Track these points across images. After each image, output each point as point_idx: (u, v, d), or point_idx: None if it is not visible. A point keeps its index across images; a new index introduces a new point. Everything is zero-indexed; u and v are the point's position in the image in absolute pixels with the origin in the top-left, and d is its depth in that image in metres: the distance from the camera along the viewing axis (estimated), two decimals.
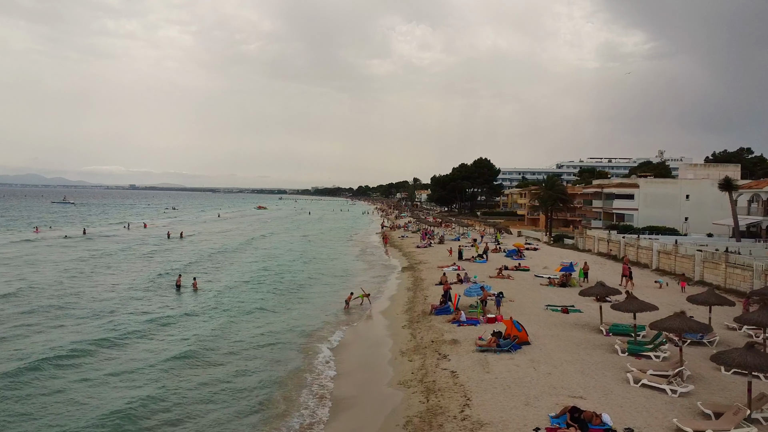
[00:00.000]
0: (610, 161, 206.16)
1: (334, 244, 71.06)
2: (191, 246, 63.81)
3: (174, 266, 45.33)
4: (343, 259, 54.86)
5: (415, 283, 37.46)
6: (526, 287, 34.96)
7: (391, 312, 29.76)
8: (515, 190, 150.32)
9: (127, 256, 51.71)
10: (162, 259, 50.48)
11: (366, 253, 61.29)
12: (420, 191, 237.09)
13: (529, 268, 42.81)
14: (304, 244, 70.46)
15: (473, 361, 19.40)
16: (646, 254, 44.08)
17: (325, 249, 64.97)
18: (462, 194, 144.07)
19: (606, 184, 66.92)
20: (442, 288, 32.41)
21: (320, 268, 48.00)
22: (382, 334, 25.69)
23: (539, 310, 27.96)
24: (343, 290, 35.35)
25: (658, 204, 61.69)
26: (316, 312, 30.52)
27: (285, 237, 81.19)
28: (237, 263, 50.02)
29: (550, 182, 76.97)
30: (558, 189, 75.52)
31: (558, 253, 54.84)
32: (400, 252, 58.66)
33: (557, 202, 75.50)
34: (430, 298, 31.58)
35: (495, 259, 49.15)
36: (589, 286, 34.76)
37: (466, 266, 44.11)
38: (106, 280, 38.94)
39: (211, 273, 43.67)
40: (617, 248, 49.36)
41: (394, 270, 46.45)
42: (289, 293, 35.90)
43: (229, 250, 60.17)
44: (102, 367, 20.59)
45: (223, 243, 68.34)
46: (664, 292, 33.19)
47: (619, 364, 18.87)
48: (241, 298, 33.83)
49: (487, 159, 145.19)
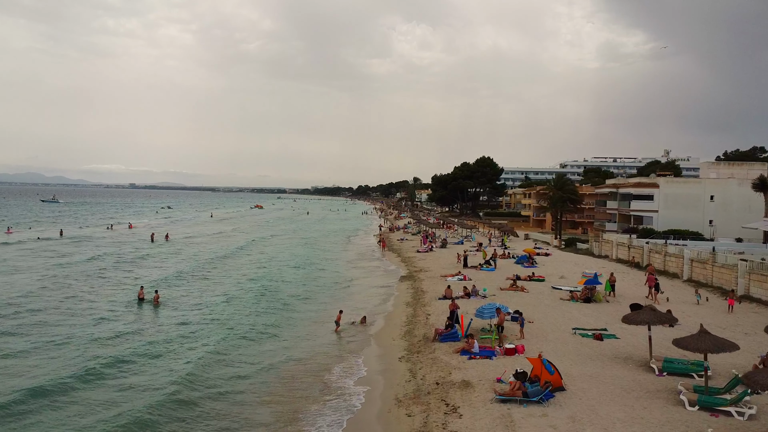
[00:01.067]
0: (616, 161, 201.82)
1: (330, 248, 66.14)
2: (174, 251, 58.75)
3: (145, 278, 39.87)
4: (337, 266, 49.88)
5: (415, 297, 32.54)
6: (544, 303, 30.05)
7: (386, 336, 24.81)
8: (519, 190, 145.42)
9: (96, 265, 45.66)
10: (133, 269, 44.65)
11: (363, 258, 56.40)
12: (420, 191, 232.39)
13: (544, 278, 37.88)
14: (297, 248, 65.43)
15: (493, 420, 14.47)
16: (676, 263, 39.14)
17: (319, 254, 60.07)
18: (464, 194, 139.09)
19: (622, 183, 61.84)
20: (447, 304, 27.60)
21: (311, 278, 42.71)
22: (373, 368, 20.71)
23: (566, 335, 23.05)
24: (332, 307, 30.44)
25: (680, 205, 56.71)
26: (301, 338, 25.39)
27: (278, 240, 76.10)
28: (218, 273, 44.73)
29: (560, 181, 72.02)
30: (568, 189, 70.60)
31: (572, 260, 49.94)
32: (398, 257, 53.72)
33: (567, 203, 70.61)
34: (432, 317, 26.69)
35: (504, 266, 44.24)
36: (615, 300, 30.03)
37: (473, 275, 39.22)
38: (53, 298, 32.12)
39: (186, 285, 38.13)
40: (640, 255, 44.43)
41: (391, 279, 41.47)
42: (272, 312, 30.44)
43: (214, 257, 55.10)
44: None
45: (209, 248, 63.35)
46: (705, 311, 28.28)
47: (692, 425, 13.95)
48: (212, 316, 28.88)
49: (489, 158, 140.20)
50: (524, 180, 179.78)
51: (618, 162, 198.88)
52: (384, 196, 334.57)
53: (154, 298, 31.05)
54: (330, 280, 41.52)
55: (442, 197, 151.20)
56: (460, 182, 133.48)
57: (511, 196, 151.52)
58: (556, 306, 29.34)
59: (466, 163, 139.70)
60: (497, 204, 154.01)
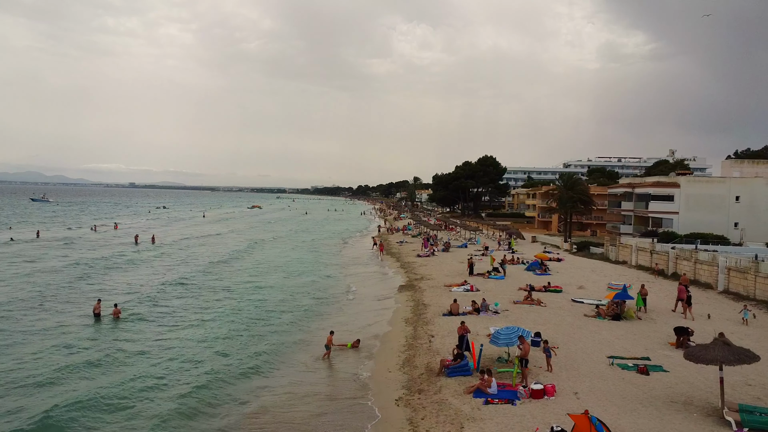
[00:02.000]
0: (620, 160, 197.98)
1: (325, 252, 61.79)
2: (156, 255, 54.38)
3: (112, 290, 35.26)
4: (331, 273, 45.54)
5: (416, 312, 28.22)
6: (566, 320, 25.76)
7: (381, 366, 20.45)
8: (522, 190, 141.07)
9: (64, 273, 40.85)
10: (103, 278, 39.73)
11: (359, 263, 52.11)
12: (420, 191, 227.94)
13: (562, 289, 33.56)
14: (291, 252, 60.99)
15: None
16: (709, 271, 34.83)
17: (313, 258, 55.84)
18: (466, 194, 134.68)
19: (638, 183, 57.30)
20: (453, 322, 23.36)
21: (302, 288, 37.92)
22: (364, 413, 16.41)
23: (602, 367, 18.77)
24: (323, 326, 26.18)
25: (703, 207, 52.28)
26: (282, 371, 21.00)
27: (271, 245, 71.64)
28: (198, 283, 40.12)
29: (570, 181, 67.75)
30: (579, 189, 66.33)
31: (588, 266, 45.64)
32: (398, 263, 49.38)
33: (578, 203, 66.33)
34: (437, 339, 22.39)
35: (513, 274, 39.95)
36: (648, 317, 25.45)
37: (480, 284, 34.93)
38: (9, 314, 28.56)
39: (158, 299, 32.65)
40: (665, 262, 40.11)
41: (389, 288, 37.11)
42: (252, 335, 25.76)
43: (198, 264, 50.79)
44: None
45: (197, 252, 59.01)
46: (756, 332, 24.01)
47: None
48: (178, 341, 24.41)
49: (492, 157, 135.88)
50: (527, 180, 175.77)
51: (623, 162, 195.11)
52: (384, 196, 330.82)
53: (113, 312, 26.68)
54: (322, 291, 37.11)
55: (443, 197, 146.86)
56: (462, 182, 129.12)
57: (514, 196, 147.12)
58: (582, 324, 25.05)
59: (468, 162, 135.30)
60: (500, 204, 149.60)
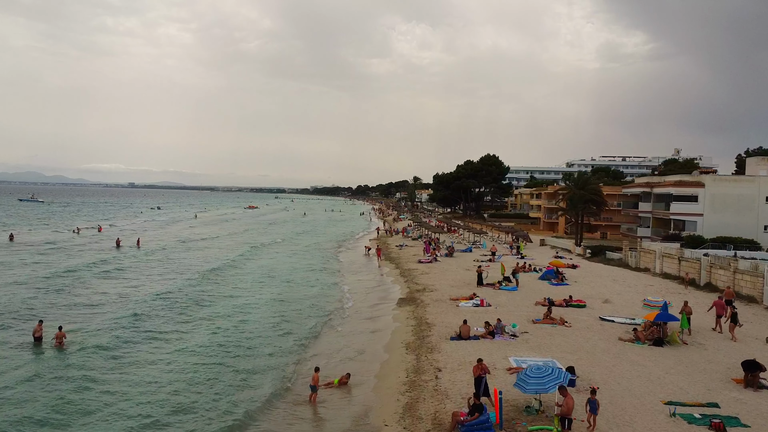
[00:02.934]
0: (624, 159, 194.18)
1: (322, 257, 57.41)
2: (134, 263, 49.94)
3: (74, 308, 30.94)
4: (323, 283, 41.04)
5: (418, 334, 23.89)
6: (599, 346, 21.48)
7: (376, 416, 16.11)
8: (526, 190, 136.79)
9: (29, 285, 36.13)
10: (68, 290, 34.92)
11: (355, 270, 47.83)
12: (420, 191, 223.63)
13: (585, 304, 29.28)
14: (283, 258, 56.50)
15: None
16: (752, 283, 30.56)
17: (307, 264, 51.63)
18: (467, 194, 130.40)
19: (657, 182, 52.87)
20: (462, 349, 19.14)
21: (290, 305, 32.85)
22: None
23: (661, 419, 14.49)
24: (309, 360, 21.86)
25: (730, 208, 48.00)
26: (259, 417, 16.65)
27: (264, 251, 67.15)
28: (172, 302, 35.56)
29: (582, 180, 63.47)
30: (591, 188, 62.00)
31: (607, 274, 41.37)
32: (397, 270, 45.07)
33: (589, 204, 62.03)
34: (445, 376, 18.09)
35: (526, 283, 35.68)
36: (694, 341, 20.59)
37: (491, 297, 30.66)
38: None
39: (119, 321, 26.90)
40: (696, 270, 35.81)
41: (387, 302, 32.75)
42: (227, 369, 20.65)
43: (180, 275, 46.52)
44: None
45: (182, 257, 54.79)
46: None
47: None
48: (130, 378, 20.06)
49: (495, 155, 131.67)
50: (530, 180, 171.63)
51: (627, 161, 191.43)
52: (383, 196, 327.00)
53: (56, 337, 22.34)
54: (313, 307, 32.38)
55: (445, 197, 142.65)
56: (464, 181, 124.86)
57: (517, 196, 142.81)
58: (619, 352, 20.77)
59: (470, 161, 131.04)
60: (502, 205, 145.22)
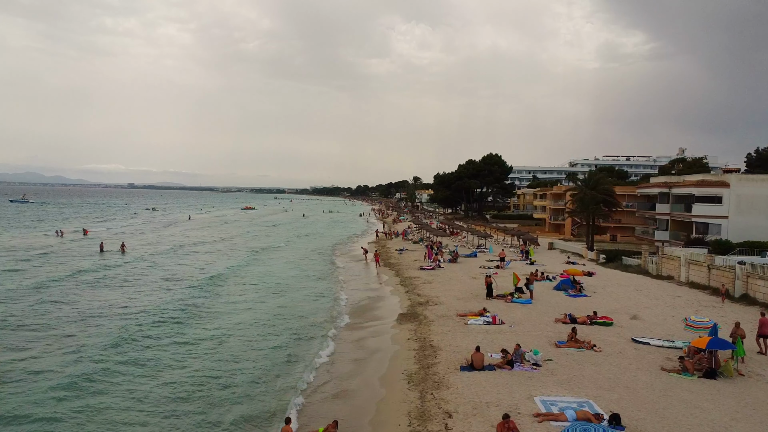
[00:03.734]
0: (629, 159, 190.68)
1: (318, 263, 53.82)
2: (115, 272, 46.40)
3: (27, 330, 27.38)
4: (315, 296, 37.38)
5: (421, 360, 20.24)
6: (641, 379, 17.84)
7: None
8: (529, 190, 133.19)
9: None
10: (30, 308, 31.76)
11: (350, 277, 44.13)
12: (420, 191, 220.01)
13: (612, 321, 25.63)
14: (276, 268, 52.97)
15: None
16: None
17: (300, 272, 48.06)
18: (469, 195, 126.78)
19: (675, 182, 49.11)
20: (476, 383, 15.52)
21: (273, 327, 28.09)
22: None
23: None
24: (288, 395, 18.23)
25: (757, 210, 44.25)
26: None
27: (256, 258, 63.54)
28: (150, 320, 32.18)
29: (594, 179, 59.79)
30: (603, 188, 58.35)
31: (628, 283, 37.69)
32: (397, 278, 41.41)
33: (601, 205, 58.40)
34: (458, 423, 14.43)
35: (541, 294, 32.02)
36: (751, 371, 17.11)
37: (504, 312, 27.05)
38: None
39: (79, 353, 22.54)
40: (729, 280, 32.18)
41: (386, 318, 29.05)
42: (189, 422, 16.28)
43: (162, 286, 42.96)
44: None
45: (167, 265, 51.29)
46: None
47: None
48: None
49: (497, 155, 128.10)
50: (532, 180, 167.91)
51: (631, 161, 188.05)
52: (383, 197, 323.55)
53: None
54: (300, 329, 28.25)
55: (446, 198, 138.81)
56: (466, 181, 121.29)
57: (520, 196, 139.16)
58: (666, 388, 17.12)
59: (471, 161, 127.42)
60: (504, 205, 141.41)
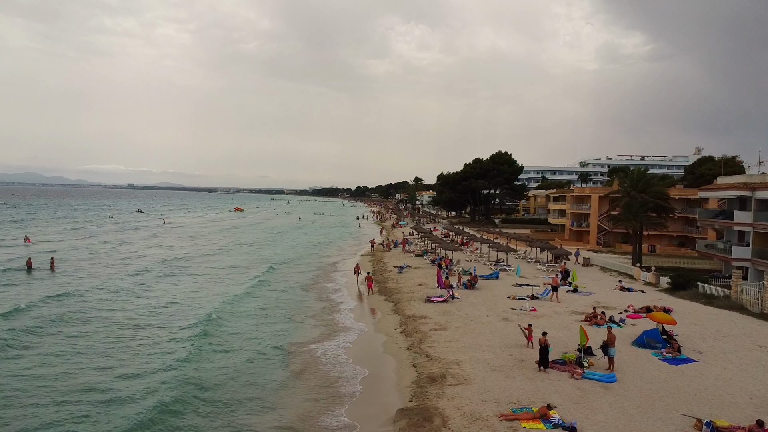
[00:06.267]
0: (643, 159, 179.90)
1: (291, 288, 42.23)
2: (27, 304, 34.71)
3: None
4: (275, 360, 25.83)
5: None
6: None
7: None
8: (541, 192, 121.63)
9: None
10: None
11: (331, 321, 32.51)
12: (421, 192, 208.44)
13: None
14: (242, 303, 41.39)
15: None
16: None
17: (268, 306, 36.47)
18: (476, 196, 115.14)
19: (758, 183, 37.33)
20: None
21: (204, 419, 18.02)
22: None
23: None
24: None
25: None
26: None
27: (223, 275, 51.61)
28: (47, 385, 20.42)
29: (642, 180, 48.14)
30: (655, 191, 46.77)
31: (730, 329, 25.88)
32: (395, 315, 29.50)
33: (650, 211, 46.83)
34: None
35: (621, 362, 20.28)
36: None
37: (577, 403, 15.38)
38: None
39: None
40: None
41: (375, 411, 17.34)
42: None
43: (82, 332, 31.17)
44: None
45: (102, 292, 39.64)
46: None
47: None
48: None
49: (507, 153, 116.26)
50: (541, 180, 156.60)
51: (646, 161, 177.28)
52: (383, 198, 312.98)
53: None
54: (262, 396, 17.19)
55: (450, 200, 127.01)
56: (473, 182, 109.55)
57: (530, 198, 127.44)
58: None
59: (479, 159, 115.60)
60: (512, 208, 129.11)
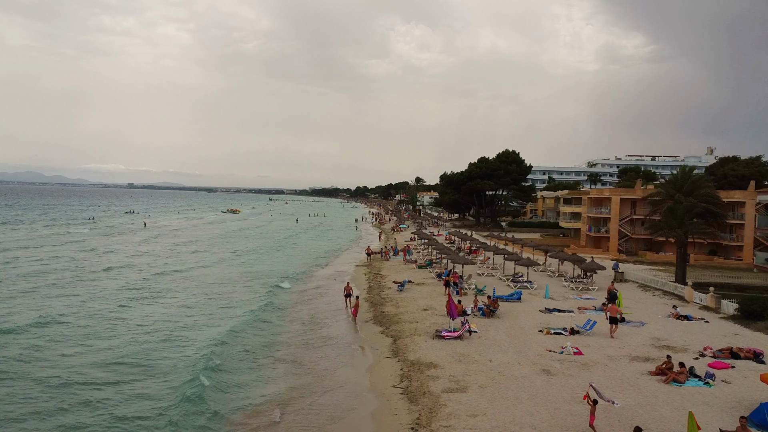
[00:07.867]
0: (654, 159, 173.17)
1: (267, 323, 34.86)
2: None
3: None
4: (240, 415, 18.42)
5: None
6: None
7: None
8: (550, 193, 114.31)
9: None
10: None
11: (318, 361, 25.18)
12: (422, 193, 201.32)
13: None
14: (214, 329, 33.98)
15: None
16: None
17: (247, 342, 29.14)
18: (481, 198, 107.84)
19: None
20: None
21: None
22: None
23: None
24: None
25: None
26: None
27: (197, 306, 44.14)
28: None
29: (689, 182, 40.66)
30: (704, 194, 39.35)
31: None
32: (395, 360, 22.06)
33: (697, 218, 39.41)
34: None
35: None
36: None
37: None
38: None
39: None
40: None
41: None
42: None
43: None
44: None
45: (39, 321, 32.31)
46: None
47: None
48: None
49: (515, 152, 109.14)
50: (548, 181, 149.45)
51: (657, 161, 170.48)
52: (383, 198, 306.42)
53: None
54: None
55: (454, 201, 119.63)
56: (478, 182, 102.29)
57: (540, 200, 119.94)
58: None
59: (485, 159, 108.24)
60: (518, 210, 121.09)
